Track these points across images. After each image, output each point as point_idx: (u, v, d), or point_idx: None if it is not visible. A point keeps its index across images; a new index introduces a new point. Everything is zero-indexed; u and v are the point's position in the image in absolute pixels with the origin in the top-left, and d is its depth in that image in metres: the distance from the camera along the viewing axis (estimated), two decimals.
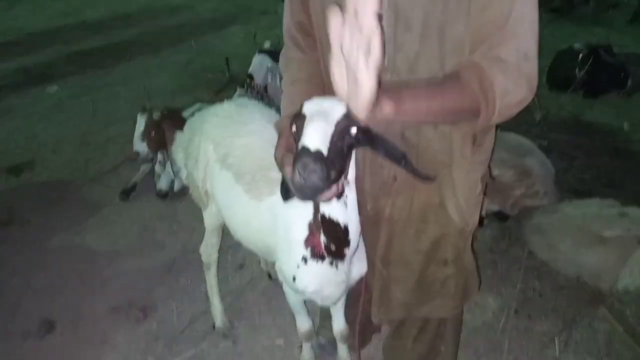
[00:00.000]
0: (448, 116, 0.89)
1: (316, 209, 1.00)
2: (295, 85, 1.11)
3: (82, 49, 5.19)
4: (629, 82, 3.48)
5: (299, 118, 0.85)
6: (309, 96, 0.89)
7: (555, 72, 3.63)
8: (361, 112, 0.69)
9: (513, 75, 0.84)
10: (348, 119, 0.82)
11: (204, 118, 1.79)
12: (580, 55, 3.52)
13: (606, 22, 5.11)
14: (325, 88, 1.07)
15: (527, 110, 0.90)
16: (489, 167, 1.19)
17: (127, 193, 2.78)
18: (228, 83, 3.91)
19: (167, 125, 2.39)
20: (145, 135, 2.47)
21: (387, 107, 0.73)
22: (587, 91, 3.53)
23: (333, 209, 0.96)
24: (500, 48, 0.84)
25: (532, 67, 0.86)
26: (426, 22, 0.88)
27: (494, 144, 1.13)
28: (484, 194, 1.19)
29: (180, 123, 2.17)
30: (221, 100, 1.77)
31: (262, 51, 3.16)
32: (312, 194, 0.81)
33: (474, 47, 0.87)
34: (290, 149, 0.95)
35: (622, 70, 3.51)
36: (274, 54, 3.10)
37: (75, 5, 6.93)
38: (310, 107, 0.85)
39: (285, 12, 1.11)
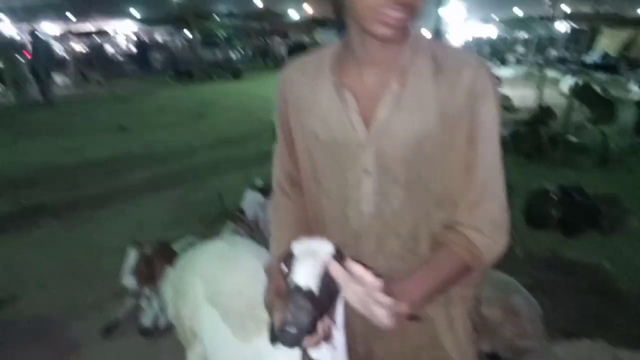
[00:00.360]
0: (447, 286, 0.97)
1: (304, 353, 0.99)
2: (283, 230, 1.16)
3: (80, 185, 5.37)
4: (604, 222, 3.66)
5: (288, 258, 0.86)
6: (297, 239, 0.92)
7: (531, 211, 3.82)
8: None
9: (495, 232, 0.95)
10: (336, 258, 0.84)
11: (195, 255, 1.83)
12: (554, 195, 3.76)
13: (576, 166, 5.50)
14: (311, 233, 1.13)
15: (509, 248, 1.00)
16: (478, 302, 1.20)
17: (109, 330, 2.70)
18: (220, 217, 4.02)
19: (158, 260, 2.41)
20: (135, 269, 2.48)
21: (403, 308, 0.84)
22: (564, 230, 3.68)
23: (322, 355, 0.95)
24: (482, 206, 0.95)
25: (507, 217, 0.97)
26: (409, 178, 0.96)
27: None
28: (477, 331, 1.18)
29: (171, 258, 2.20)
30: (213, 233, 1.84)
31: (254, 188, 3.34)
32: (299, 338, 0.80)
33: (457, 200, 0.97)
34: (280, 293, 0.97)
35: (596, 211, 3.72)
36: (265, 191, 3.28)
37: (79, 143, 7.35)
38: (299, 247, 0.87)
39: (275, 163, 1.19)
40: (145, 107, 11.22)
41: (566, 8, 15.58)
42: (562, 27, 16.73)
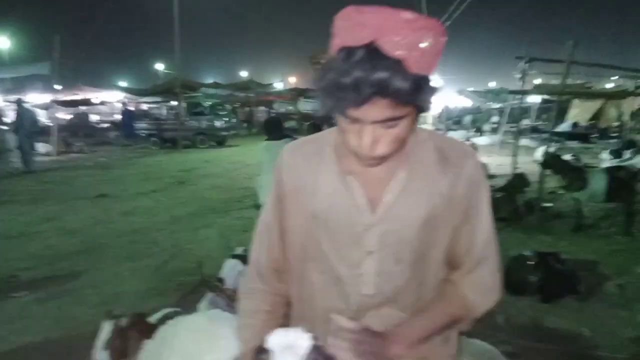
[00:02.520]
0: (439, 332, 1.07)
1: None
2: (256, 317, 1.14)
3: (57, 253, 5.26)
4: (581, 288, 3.71)
5: (263, 353, 0.84)
6: (271, 328, 0.93)
7: (510, 277, 3.85)
8: None
9: (488, 293, 1.08)
10: (316, 351, 0.83)
11: (173, 330, 1.79)
12: (531, 262, 3.82)
13: (552, 231, 5.64)
14: (285, 321, 1.15)
15: (490, 315, 1.08)
16: None
17: None
18: (199, 287, 3.95)
19: (133, 333, 2.34)
20: (109, 343, 2.39)
21: (400, 349, 0.96)
22: (542, 296, 3.71)
23: None
24: (476, 271, 1.07)
25: (499, 279, 1.10)
26: (413, 255, 1.04)
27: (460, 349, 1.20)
28: None
29: (148, 331, 2.15)
30: (192, 303, 1.79)
31: (234, 256, 3.33)
32: None
33: (453, 268, 1.09)
34: None
35: (573, 277, 3.78)
36: (246, 259, 3.26)
37: (56, 211, 7.27)
38: (275, 340, 0.84)
39: (257, 245, 1.18)
40: (127, 174, 11.25)
41: (538, 80, 16.50)
42: (535, 98, 17.64)
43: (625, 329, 3.30)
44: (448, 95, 19.08)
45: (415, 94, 0.82)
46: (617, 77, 18.24)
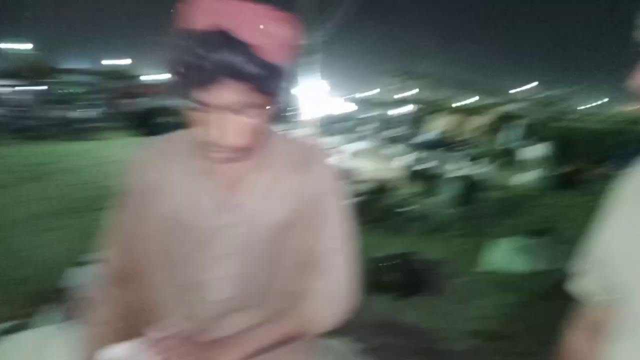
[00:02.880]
0: (271, 348, 1.00)
1: None
2: (101, 328, 1.07)
3: None
4: (430, 286, 4.05)
5: None
6: (116, 340, 0.89)
7: (368, 278, 4.07)
8: None
9: (327, 304, 1.03)
10: None
11: (2, 352, 1.61)
12: (390, 262, 4.08)
13: (408, 232, 6.10)
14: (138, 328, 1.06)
15: (347, 316, 1.07)
16: None
17: None
18: (40, 298, 3.55)
19: None
20: None
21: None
22: (398, 294, 3.98)
23: None
24: (319, 281, 1.03)
25: (348, 290, 1.05)
26: (264, 262, 1.01)
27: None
28: None
29: None
30: (31, 315, 1.63)
31: (81, 264, 3.04)
32: None
33: (300, 277, 1.04)
34: None
35: (425, 275, 4.11)
36: (93, 266, 2.99)
37: None
38: (109, 355, 0.83)
39: (108, 249, 1.10)
40: None
41: (411, 92, 17.91)
42: (406, 108, 19.10)
43: (464, 322, 3.67)
44: (326, 101, 19.82)
45: (266, 82, 0.83)
46: (476, 95, 20.59)
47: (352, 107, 28.61)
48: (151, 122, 15.50)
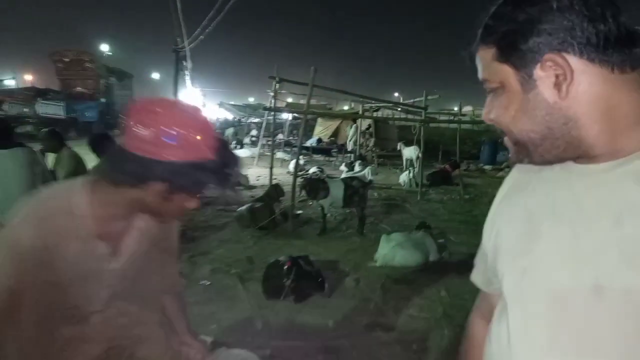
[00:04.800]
0: None
1: None
2: None
3: None
4: (326, 286, 4.17)
5: None
6: None
7: (268, 282, 4.09)
8: None
9: None
10: None
11: None
12: (285, 266, 4.11)
13: (303, 236, 6.22)
14: None
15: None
16: None
17: None
18: None
19: None
20: None
21: None
22: (295, 297, 4.04)
23: None
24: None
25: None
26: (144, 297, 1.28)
27: None
28: None
29: None
30: None
31: None
32: None
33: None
34: None
35: (319, 276, 4.22)
36: None
37: None
38: None
39: None
40: None
41: (289, 99, 18.13)
42: (287, 114, 19.33)
43: (361, 317, 3.85)
44: (209, 107, 19.34)
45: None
46: (350, 101, 21.55)
47: (234, 113, 28.33)
48: (10, 133, 13.63)
